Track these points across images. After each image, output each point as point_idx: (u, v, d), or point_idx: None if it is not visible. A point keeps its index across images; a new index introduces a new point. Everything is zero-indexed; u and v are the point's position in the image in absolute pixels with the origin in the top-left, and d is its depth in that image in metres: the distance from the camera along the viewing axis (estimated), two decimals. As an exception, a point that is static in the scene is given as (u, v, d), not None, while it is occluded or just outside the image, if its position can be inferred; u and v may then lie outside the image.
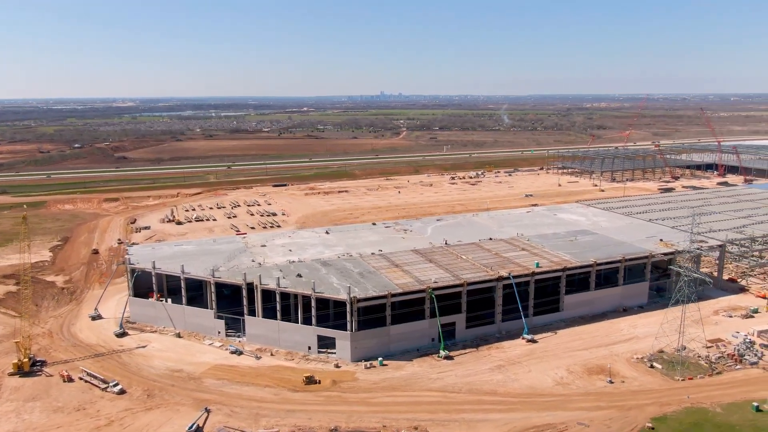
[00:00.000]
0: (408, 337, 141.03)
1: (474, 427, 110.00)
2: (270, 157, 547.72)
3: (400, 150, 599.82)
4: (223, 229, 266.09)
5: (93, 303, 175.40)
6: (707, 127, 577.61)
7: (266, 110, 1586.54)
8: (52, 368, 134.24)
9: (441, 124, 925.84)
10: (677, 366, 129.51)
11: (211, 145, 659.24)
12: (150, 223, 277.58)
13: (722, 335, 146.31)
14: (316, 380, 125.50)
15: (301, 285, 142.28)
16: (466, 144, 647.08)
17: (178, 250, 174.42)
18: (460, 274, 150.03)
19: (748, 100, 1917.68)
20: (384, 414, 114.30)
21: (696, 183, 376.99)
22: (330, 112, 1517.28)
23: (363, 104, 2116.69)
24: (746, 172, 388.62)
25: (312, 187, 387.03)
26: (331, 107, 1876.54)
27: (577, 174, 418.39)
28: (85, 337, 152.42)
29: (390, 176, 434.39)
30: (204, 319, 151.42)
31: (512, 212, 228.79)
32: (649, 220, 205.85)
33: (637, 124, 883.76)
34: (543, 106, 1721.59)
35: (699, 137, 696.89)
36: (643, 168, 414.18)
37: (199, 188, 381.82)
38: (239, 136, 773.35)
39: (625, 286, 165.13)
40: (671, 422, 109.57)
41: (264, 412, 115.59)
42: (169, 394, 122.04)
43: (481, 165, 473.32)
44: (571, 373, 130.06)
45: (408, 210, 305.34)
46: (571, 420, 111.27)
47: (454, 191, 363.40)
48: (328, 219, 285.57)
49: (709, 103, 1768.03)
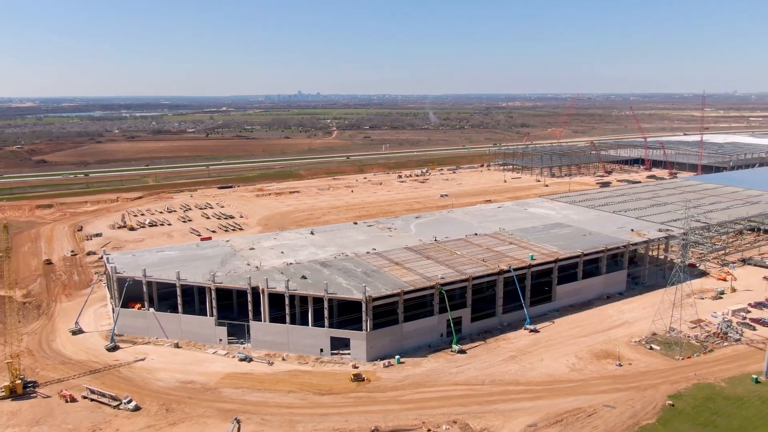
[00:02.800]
0: (419, 333, 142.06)
1: (509, 416, 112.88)
2: (205, 158, 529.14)
3: (337, 149, 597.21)
4: (182, 234, 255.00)
5: (66, 317, 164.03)
6: (635, 124, 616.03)
7: (183, 110, 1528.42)
8: (46, 389, 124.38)
9: (371, 123, 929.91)
10: (675, 346, 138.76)
11: (137, 147, 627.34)
12: (100, 230, 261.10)
13: (702, 316, 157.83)
14: (363, 377, 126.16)
15: (311, 287, 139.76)
16: (401, 143, 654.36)
17: (163, 256, 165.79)
18: (462, 269, 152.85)
19: (646, 100, 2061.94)
20: (418, 411, 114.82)
21: (627, 177, 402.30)
22: (251, 111, 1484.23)
23: (283, 104, 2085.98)
24: (671, 166, 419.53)
25: (260, 188, 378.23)
26: (250, 107, 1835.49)
27: (518, 170, 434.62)
28: (72, 353, 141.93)
29: (336, 176, 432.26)
30: (203, 327, 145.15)
31: (485, 208, 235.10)
32: (613, 212, 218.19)
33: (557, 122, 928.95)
34: (461, 105, 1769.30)
35: (613, 134, 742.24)
36: (578, 164, 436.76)
37: (139, 192, 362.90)
38: (164, 138, 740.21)
39: (607, 275, 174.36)
40: (687, 398, 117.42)
41: (297, 417, 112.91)
42: (189, 407, 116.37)
43: (424, 163, 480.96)
44: (580, 359, 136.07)
45: (368, 209, 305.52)
46: (597, 403, 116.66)
47: (406, 189, 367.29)
48: (289, 220, 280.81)
49: (613, 102, 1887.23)
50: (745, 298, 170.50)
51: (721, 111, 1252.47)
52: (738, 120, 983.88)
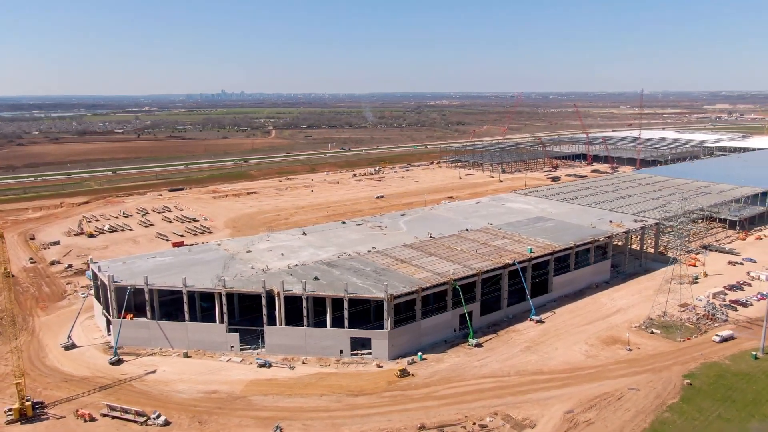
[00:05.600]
0: (435, 330, 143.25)
1: (545, 404, 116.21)
2: (144, 160, 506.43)
3: (281, 149, 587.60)
4: (148, 240, 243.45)
5: (50, 331, 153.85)
6: (578, 121, 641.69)
7: (102, 110, 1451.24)
8: (56, 409, 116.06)
9: (308, 122, 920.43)
10: (674, 329, 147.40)
11: (66, 149, 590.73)
12: (56, 238, 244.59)
13: (686, 300, 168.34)
14: (409, 373, 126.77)
15: (329, 288, 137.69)
16: (345, 141, 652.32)
17: (157, 262, 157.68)
18: (468, 264, 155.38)
19: (564, 98, 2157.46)
20: (457, 406, 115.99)
21: (573, 171, 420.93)
22: (177, 111, 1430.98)
23: (208, 103, 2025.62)
24: (612, 160, 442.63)
25: (214, 189, 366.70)
26: (173, 106, 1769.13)
27: (468, 167, 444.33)
28: (73, 369, 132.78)
29: (288, 175, 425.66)
30: (213, 335, 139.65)
31: (464, 204, 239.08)
32: (585, 205, 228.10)
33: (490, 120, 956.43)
34: (391, 103, 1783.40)
35: (545, 131, 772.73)
36: (525, 160, 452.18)
37: (84, 196, 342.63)
38: (92, 139, 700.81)
39: (595, 265, 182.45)
40: (700, 377, 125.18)
41: (338, 420, 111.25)
42: (223, 418, 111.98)
43: (374, 162, 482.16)
44: (591, 346, 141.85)
45: (334, 208, 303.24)
46: (621, 386, 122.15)
47: (366, 188, 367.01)
48: (257, 222, 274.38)
49: (534, 100, 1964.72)
50: (718, 282, 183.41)
51: (635, 109, 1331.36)
52: (654, 117, 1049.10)
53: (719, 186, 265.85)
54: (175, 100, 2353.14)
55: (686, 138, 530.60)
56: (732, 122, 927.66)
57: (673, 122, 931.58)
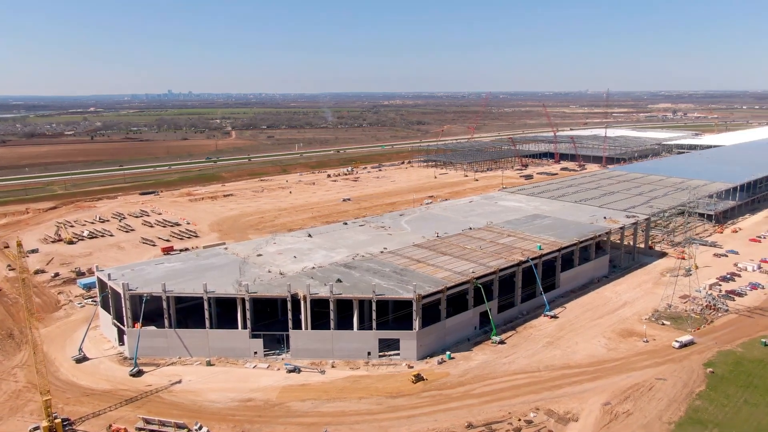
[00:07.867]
0: (458, 328, 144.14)
1: (581, 397, 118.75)
2: (105, 163, 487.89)
3: (245, 150, 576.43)
4: (133, 245, 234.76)
5: (54, 344, 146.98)
6: (546, 120, 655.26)
7: (43, 111, 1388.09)
8: (85, 425, 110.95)
9: (267, 122, 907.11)
10: (683, 320, 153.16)
11: (15, 152, 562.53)
12: (33, 245, 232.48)
13: (686, 292, 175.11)
14: (423, 377, 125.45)
15: (355, 290, 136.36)
16: (311, 142, 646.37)
17: (167, 268, 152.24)
18: (484, 262, 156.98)
19: (514, 98, 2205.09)
20: (497, 403, 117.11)
21: (544, 169, 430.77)
22: (124, 112, 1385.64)
23: (155, 103, 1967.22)
24: (579, 158, 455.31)
25: (188, 192, 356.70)
26: (120, 107, 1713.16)
27: (440, 166, 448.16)
28: (91, 383, 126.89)
29: (260, 177, 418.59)
30: (236, 341, 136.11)
31: (458, 203, 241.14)
32: (575, 202, 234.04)
33: (448, 120, 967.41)
34: (344, 103, 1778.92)
35: (503, 129, 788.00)
36: (496, 158, 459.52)
37: (50, 201, 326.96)
38: (41, 142, 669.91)
39: (595, 260, 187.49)
40: (720, 365, 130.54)
41: (384, 423, 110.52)
42: (267, 426, 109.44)
43: (345, 162, 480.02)
44: (609, 339, 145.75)
45: (318, 210, 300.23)
46: (649, 377, 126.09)
47: (344, 189, 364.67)
48: (243, 225, 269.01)
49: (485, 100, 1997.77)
50: (711, 274, 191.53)
51: (585, 108, 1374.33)
52: (604, 116, 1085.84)
53: (693, 182, 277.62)
54: (120, 101, 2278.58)
55: (644, 136, 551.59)
56: (678, 120, 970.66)
57: (623, 120, 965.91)
